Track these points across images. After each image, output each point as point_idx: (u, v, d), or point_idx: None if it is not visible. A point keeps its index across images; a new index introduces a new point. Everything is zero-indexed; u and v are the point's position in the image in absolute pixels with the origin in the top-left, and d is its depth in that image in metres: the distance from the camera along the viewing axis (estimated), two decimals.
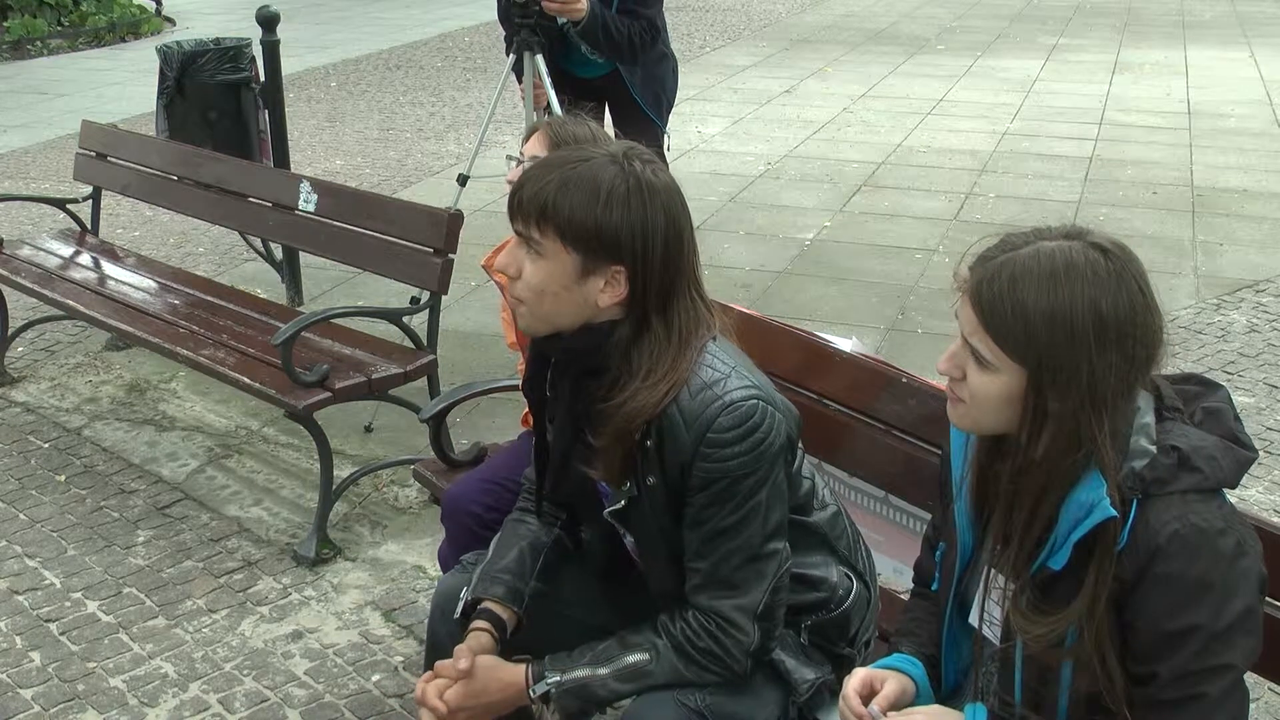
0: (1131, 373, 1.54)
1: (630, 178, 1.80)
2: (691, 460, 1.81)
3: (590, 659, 1.91)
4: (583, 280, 1.82)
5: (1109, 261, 1.54)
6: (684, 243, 1.85)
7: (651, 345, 1.83)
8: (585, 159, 1.82)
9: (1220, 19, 13.48)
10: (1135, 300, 1.53)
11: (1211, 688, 1.52)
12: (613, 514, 1.95)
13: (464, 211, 3.88)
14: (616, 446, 1.86)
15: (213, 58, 5.25)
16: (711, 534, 1.85)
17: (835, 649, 2.05)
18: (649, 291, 1.82)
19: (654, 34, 4.27)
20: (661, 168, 1.86)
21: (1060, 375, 1.52)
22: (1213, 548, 1.50)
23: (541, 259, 1.83)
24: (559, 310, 1.86)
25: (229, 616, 3.29)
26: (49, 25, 12.33)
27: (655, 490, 1.87)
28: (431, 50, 12.03)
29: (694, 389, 1.81)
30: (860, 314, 5.27)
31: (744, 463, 1.81)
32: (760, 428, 1.81)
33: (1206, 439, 1.57)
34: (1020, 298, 1.53)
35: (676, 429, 1.81)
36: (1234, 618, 1.50)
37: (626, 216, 1.78)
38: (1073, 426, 1.53)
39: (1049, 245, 1.56)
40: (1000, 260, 1.57)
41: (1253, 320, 5.17)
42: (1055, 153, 7.88)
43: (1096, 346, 1.51)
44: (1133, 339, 1.53)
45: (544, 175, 1.82)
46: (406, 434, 4.18)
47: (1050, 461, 1.55)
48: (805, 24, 13.40)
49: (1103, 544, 1.53)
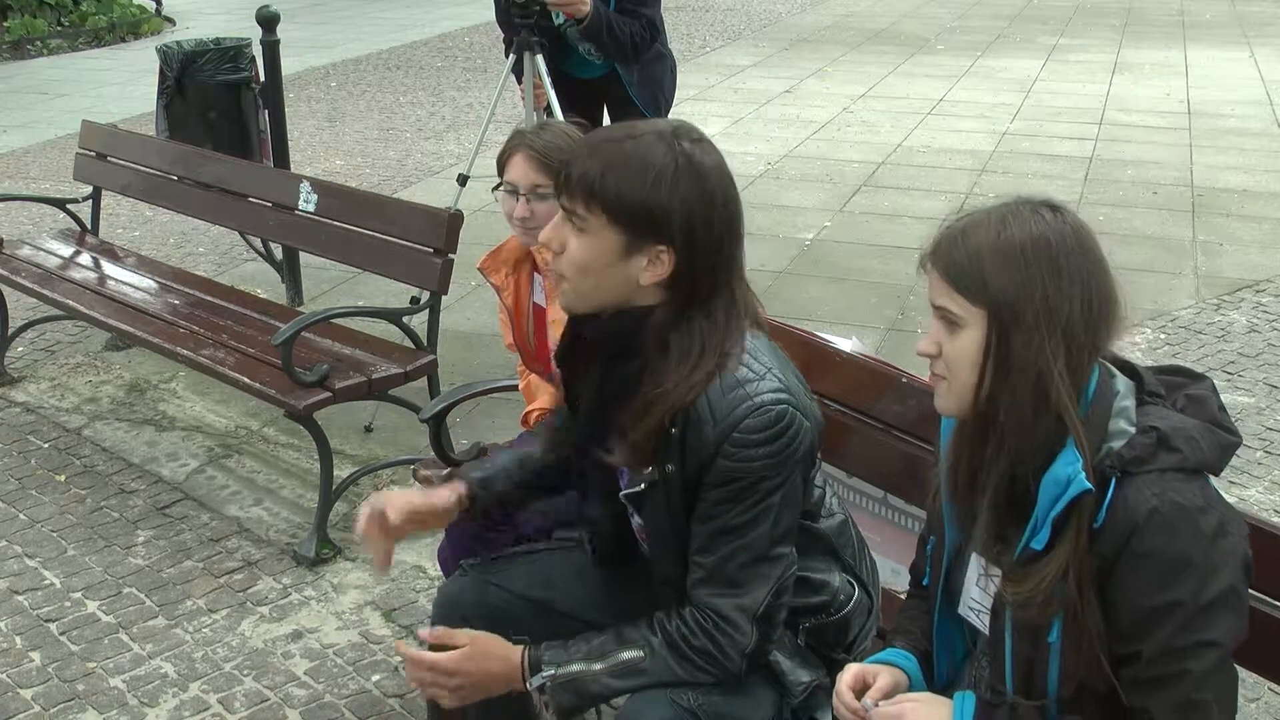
0: (1090, 314, 1.55)
1: (680, 156, 1.78)
2: (713, 457, 1.80)
3: (585, 653, 1.91)
4: (626, 258, 1.81)
5: (1059, 216, 1.60)
6: (733, 226, 1.84)
7: (690, 331, 1.82)
8: (634, 135, 1.82)
9: (1220, 19, 13.48)
10: (1090, 250, 1.58)
11: (1195, 664, 1.51)
12: (628, 496, 1.95)
13: (464, 211, 3.88)
14: (646, 434, 1.84)
15: (213, 58, 5.26)
16: (720, 530, 1.84)
17: (832, 654, 2.04)
18: (693, 274, 1.81)
19: (653, 33, 4.27)
20: (711, 146, 1.84)
21: (1018, 306, 1.55)
22: (1193, 525, 1.50)
23: (585, 235, 1.82)
24: (601, 287, 1.85)
25: (229, 616, 3.29)
26: (49, 25, 12.33)
27: (672, 478, 1.86)
28: (431, 50, 12.03)
29: (726, 385, 1.80)
30: (860, 314, 5.27)
31: (766, 465, 1.80)
32: (786, 434, 1.80)
33: (1188, 421, 1.58)
34: (972, 242, 1.59)
35: (703, 423, 1.80)
36: (1216, 594, 1.50)
37: (676, 195, 1.77)
38: (1034, 372, 1.54)
39: (1001, 207, 1.63)
40: (954, 224, 1.64)
41: (1253, 320, 5.17)
42: (1055, 153, 7.88)
43: (1049, 276, 1.54)
44: (1087, 278, 1.56)
45: (591, 153, 1.81)
46: (406, 434, 4.18)
47: (1014, 417, 1.56)
48: (805, 24, 13.40)
49: (1079, 516, 1.53)
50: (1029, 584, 1.57)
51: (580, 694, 1.90)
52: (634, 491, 1.93)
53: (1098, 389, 1.59)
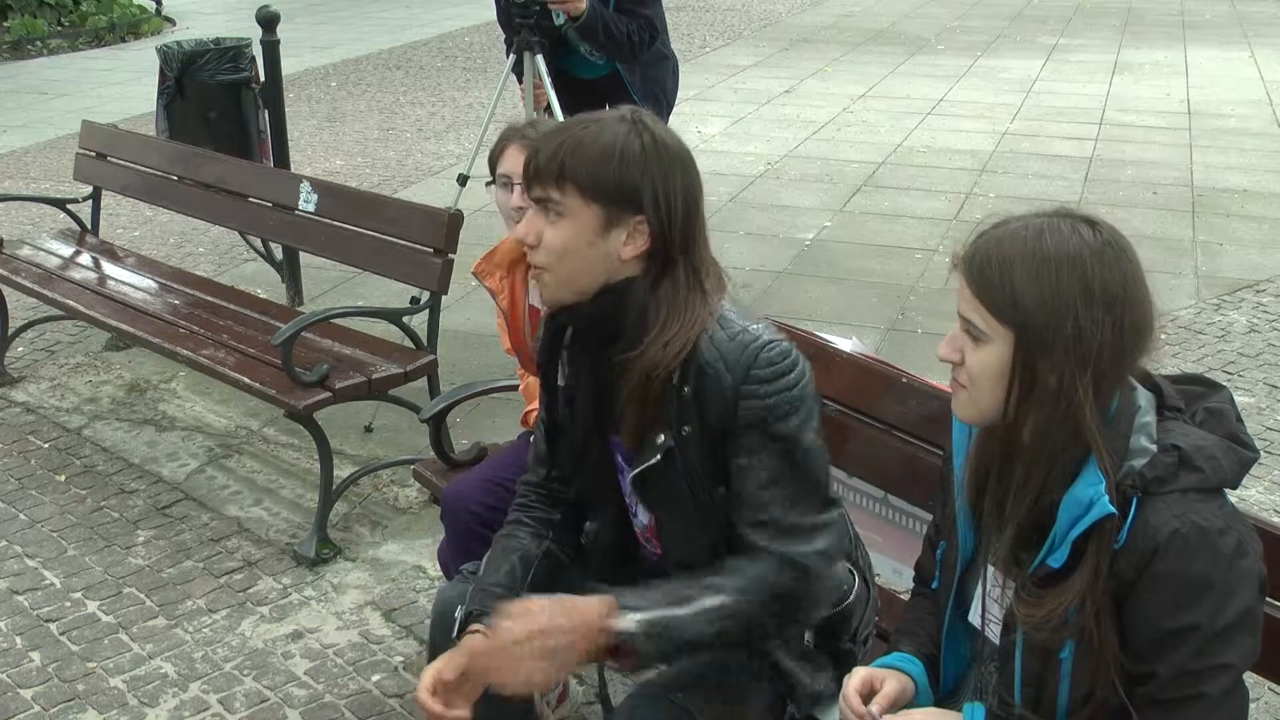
0: (1122, 342, 1.53)
1: (645, 133, 1.84)
2: (735, 400, 1.82)
3: (666, 599, 1.79)
4: (605, 234, 1.84)
5: (1097, 232, 1.56)
6: (696, 196, 1.90)
7: (673, 291, 1.86)
8: (595, 120, 1.87)
9: (1220, 19, 13.48)
10: (1126, 269, 1.54)
11: (1210, 687, 1.51)
12: (636, 479, 1.93)
13: (464, 211, 3.88)
14: (643, 398, 1.86)
15: (213, 58, 5.25)
16: (767, 481, 1.83)
17: (839, 644, 2.05)
18: (671, 239, 1.85)
19: (653, 33, 4.26)
20: (670, 129, 1.91)
21: (1047, 335, 1.52)
22: (1212, 547, 1.49)
23: (562, 219, 1.84)
24: (581, 269, 1.86)
25: (229, 616, 3.29)
26: (49, 25, 12.33)
27: (690, 440, 1.86)
28: (431, 50, 12.03)
29: (730, 333, 1.84)
30: (860, 314, 5.27)
31: (788, 398, 1.82)
32: (798, 366, 1.85)
33: (1208, 438, 1.56)
34: (1006, 257, 1.56)
35: (719, 371, 1.82)
36: (1233, 617, 1.50)
37: (645, 167, 1.82)
38: (1063, 402, 1.52)
39: (1039, 219, 1.59)
40: (990, 232, 1.61)
41: (1253, 320, 5.17)
42: (1055, 153, 7.88)
43: (1083, 302, 1.51)
44: (1122, 303, 1.52)
45: (557, 138, 1.85)
46: (406, 434, 4.18)
47: (1040, 446, 1.55)
48: (805, 24, 13.39)
49: (1100, 539, 1.52)
50: (1043, 609, 1.56)
51: (672, 641, 1.77)
52: (648, 467, 1.90)
53: (1120, 405, 1.57)
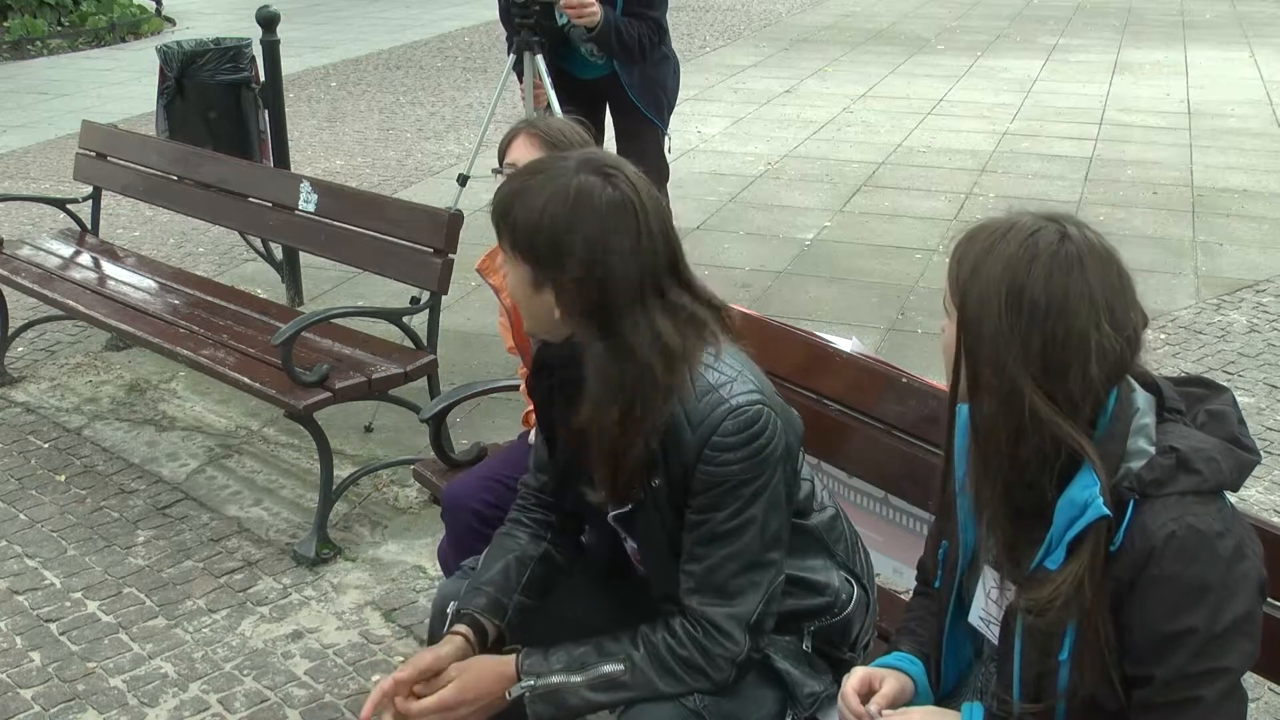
0: (1049, 353, 1.49)
1: (576, 190, 1.75)
2: (694, 463, 1.80)
3: (566, 664, 1.88)
4: (537, 290, 1.81)
5: (1063, 242, 1.51)
6: (653, 253, 1.78)
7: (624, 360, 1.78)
8: (543, 169, 1.82)
9: (1220, 19, 13.48)
10: (1072, 284, 1.49)
11: (1208, 691, 1.51)
12: (617, 519, 1.95)
13: (464, 211, 3.88)
14: (611, 462, 1.84)
15: (213, 58, 5.25)
16: (708, 537, 1.84)
17: (838, 653, 2.05)
18: (610, 304, 1.77)
19: (660, 35, 4.28)
20: (624, 177, 1.79)
21: (974, 328, 1.53)
22: (1210, 550, 1.49)
23: (509, 266, 1.85)
24: (531, 317, 1.88)
25: (229, 616, 3.29)
26: (49, 25, 12.33)
27: (660, 493, 1.86)
28: (431, 50, 12.03)
29: (700, 391, 1.80)
30: (860, 314, 5.27)
31: (746, 468, 1.80)
32: (764, 434, 1.80)
33: (1207, 441, 1.55)
34: (971, 242, 1.57)
35: (681, 431, 1.80)
36: (1231, 621, 1.49)
37: (571, 227, 1.75)
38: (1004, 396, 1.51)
39: (1026, 217, 1.57)
40: (988, 220, 1.61)
41: (1253, 320, 5.17)
42: (1055, 153, 7.88)
43: (1006, 306, 1.50)
44: (1051, 316, 1.48)
45: (508, 184, 1.83)
46: (406, 434, 4.18)
47: (990, 434, 1.54)
48: (805, 24, 13.39)
49: (1095, 540, 1.51)
50: (1045, 590, 1.55)
51: (558, 706, 1.87)
52: (622, 513, 1.92)
53: (1117, 405, 1.55)
